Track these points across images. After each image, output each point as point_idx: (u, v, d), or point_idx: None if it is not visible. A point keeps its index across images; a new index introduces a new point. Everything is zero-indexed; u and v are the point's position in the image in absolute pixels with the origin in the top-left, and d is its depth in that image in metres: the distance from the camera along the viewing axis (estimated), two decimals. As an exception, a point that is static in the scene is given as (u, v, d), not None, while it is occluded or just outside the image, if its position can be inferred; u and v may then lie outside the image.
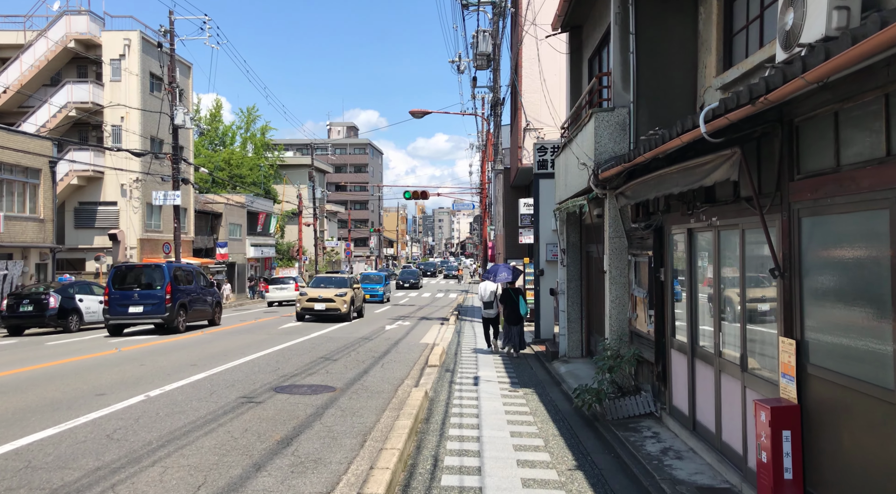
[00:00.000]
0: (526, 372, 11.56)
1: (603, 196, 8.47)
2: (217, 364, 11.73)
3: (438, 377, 10.66)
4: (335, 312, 20.97)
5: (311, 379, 10.33)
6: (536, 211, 16.30)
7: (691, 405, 6.29)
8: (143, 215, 31.96)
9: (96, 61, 31.59)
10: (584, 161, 8.45)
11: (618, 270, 8.41)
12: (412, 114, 22.18)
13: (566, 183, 11.14)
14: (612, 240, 8.43)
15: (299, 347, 14.46)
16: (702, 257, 6.15)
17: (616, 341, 8.04)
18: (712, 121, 4.28)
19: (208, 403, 8.34)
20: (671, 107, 8.19)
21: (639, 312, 7.85)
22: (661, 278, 7.06)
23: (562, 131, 12.27)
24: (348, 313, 21.30)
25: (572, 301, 12.25)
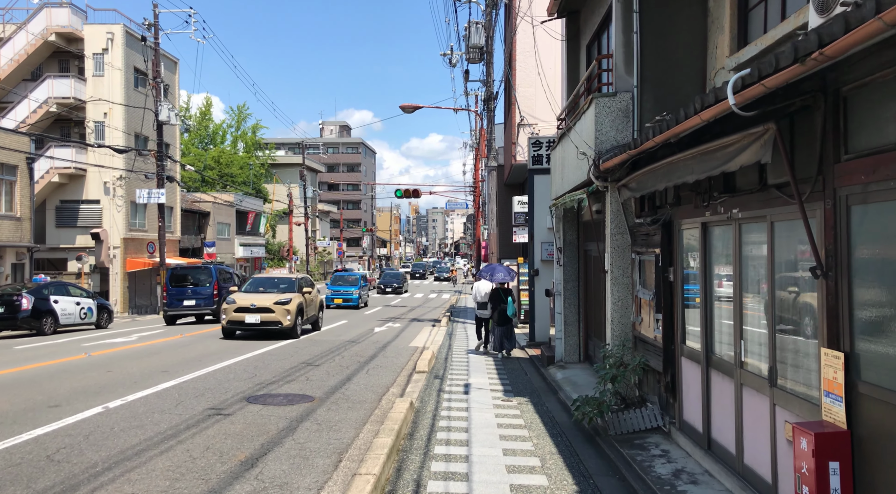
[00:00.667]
0: (520, 379, 10.86)
1: (604, 189, 7.78)
2: (190, 370, 10.97)
3: (426, 384, 9.94)
4: (274, 326, 15.61)
5: (288, 387, 9.60)
6: (531, 208, 15.62)
7: (705, 421, 5.60)
8: (126, 214, 31.10)
9: (78, 55, 30.71)
10: (584, 150, 7.76)
11: (620, 270, 7.72)
12: (402, 109, 21.46)
13: (563, 177, 10.44)
14: (613, 237, 7.74)
15: (280, 352, 13.71)
16: (718, 254, 5.46)
17: (619, 347, 7.35)
18: (742, 91, 3.58)
19: (171, 415, 7.59)
20: (678, 92, 7.51)
21: (644, 316, 7.16)
22: (669, 278, 6.37)
23: (558, 123, 11.58)
24: (293, 327, 15.74)
25: (569, 302, 11.56)
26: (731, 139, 4.16)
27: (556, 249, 12.03)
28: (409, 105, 21.42)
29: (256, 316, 15.56)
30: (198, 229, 40.51)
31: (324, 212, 74.27)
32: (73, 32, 30.08)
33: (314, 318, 18.07)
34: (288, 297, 16.07)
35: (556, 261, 11.91)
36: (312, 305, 17.73)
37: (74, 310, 19.27)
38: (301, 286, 17.16)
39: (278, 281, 17.63)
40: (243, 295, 16.36)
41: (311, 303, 17.52)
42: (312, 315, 17.74)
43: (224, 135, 58.05)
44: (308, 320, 17.36)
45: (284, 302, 15.82)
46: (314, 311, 17.98)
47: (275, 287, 17.14)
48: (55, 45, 30.18)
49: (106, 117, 30.53)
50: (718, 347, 5.44)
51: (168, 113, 29.87)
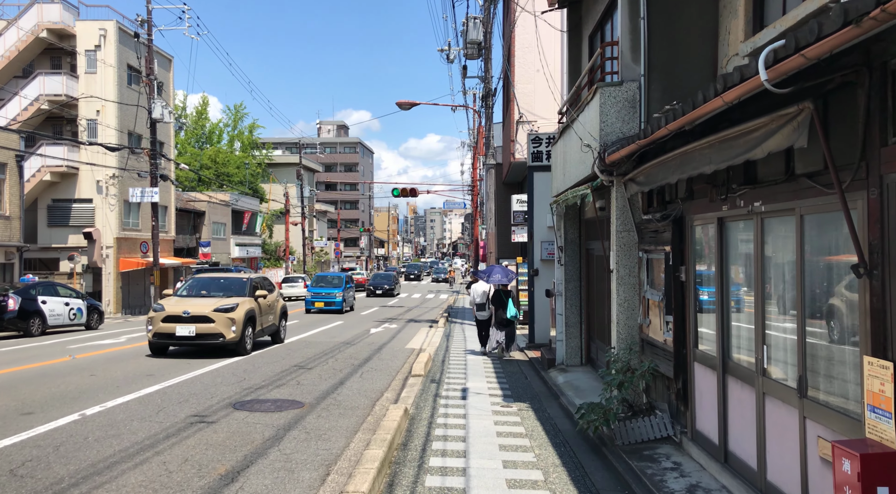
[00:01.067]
0: (520, 383, 10.44)
1: (609, 183, 7.36)
2: (177, 374, 10.54)
3: (422, 389, 9.52)
4: (213, 340, 12.34)
5: (277, 392, 9.16)
6: (530, 206, 15.20)
7: (722, 431, 5.18)
8: (119, 213, 30.64)
9: (70, 52, 30.25)
10: (589, 142, 7.34)
11: (626, 269, 7.30)
12: (399, 106, 21.04)
13: (564, 172, 10.03)
14: (619, 235, 7.32)
15: (273, 354, 13.28)
16: (736, 252, 5.05)
17: (625, 351, 6.93)
18: (776, 65, 3.16)
19: (152, 423, 7.16)
20: (688, 82, 7.11)
21: (652, 318, 6.74)
22: (681, 278, 5.96)
23: (559, 117, 11.17)
24: (239, 340, 12.48)
25: (570, 303, 11.14)
26: (758, 123, 3.74)
27: (556, 248, 11.61)
28: (405, 101, 20.99)
29: (190, 326, 12.26)
30: (193, 229, 40.06)
31: (321, 212, 73.79)
32: (65, 29, 29.62)
33: (273, 328, 14.75)
34: (233, 303, 12.81)
35: (557, 261, 11.49)
36: (270, 312, 14.48)
37: (63, 311, 18.81)
38: (255, 288, 13.99)
39: (225, 283, 14.30)
40: (176, 301, 13.24)
41: (267, 310, 14.27)
42: (270, 324, 14.48)
43: (221, 134, 57.57)
44: (265, 331, 14.19)
45: (228, 309, 12.52)
46: (273, 320, 14.68)
47: (221, 289, 13.90)
48: (47, 42, 29.71)
49: (99, 115, 30.06)
50: (736, 353, 5.02)
51: (162, 110, 29.40)
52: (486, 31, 20.34)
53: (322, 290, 26.08)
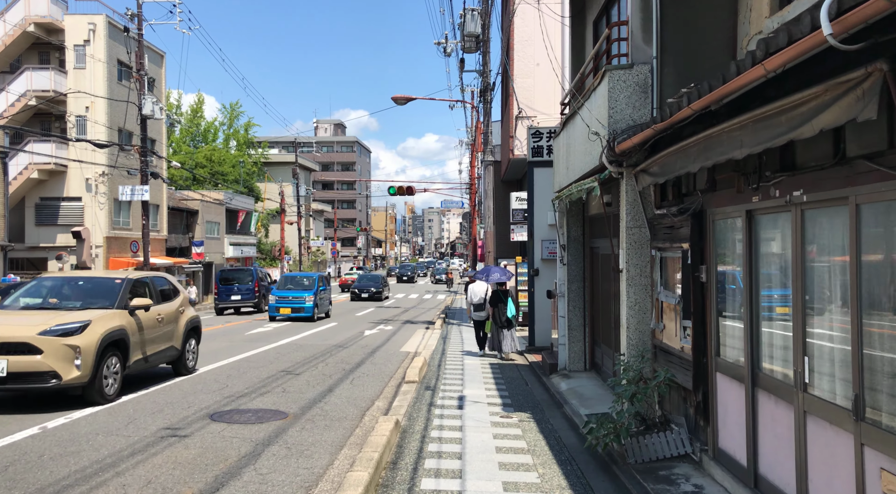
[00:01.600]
0: (520, 389, 9.83)
1: (618, 176, 6.76)
2: (154, 381, 9.91)
3: (416, 397, 8.91)
4: (38, 381, 7.65)
5: (261, 400, 8.54)
6: (531, 204, 14.61)
7: (751, 452, 4.58)
8: (109, 211, 30.00)
9: (59, 47, 29.57)
10: (597, 130, 6.73)
11: (637, 269, 6.70)
12: (395, 101, 20.42)
13: (568, 166, 9.43)
14: (629, 231, 6.72)
15: (260, 358, 12.66)
16: (769, 248, 4.45)
17: (636, 358, 6.33)
18: (841, 17, 2.56)
19: (117, 438, 6.54)
20: (703, 65, 6.52)
21: (667, 322, 6.13)
22: (701, 278, 5.35)
23: (561, 108, 10.57)
24: (90, 381, 7.90)
25: (574, 305, 10.54)
26: (808, 94, 3.14)
27: (559, 247, 11.01)
28: (401, 96, 20.38)
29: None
30: (185, 228, 39.38)
31: (318, 212, 73.16)
32: (53, 23, 28.96)
33: (171, 354, 10.03)
34: (82, 320, 8.08)
35: (560, 260, 10.89)
36: (164, 330, 9.77)
37: (46, 312, 18.10)
38: (135, 293, 9.32)
39: (85, 287, 9.47)
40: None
41: (157, 328, 9.56)
42: (164, 349, 9.79)
43: (216, 133, 56.91)
44: (153, 359, 9.52)
45: (69, 332, 7.83)
46: (171, 341, 9.98)
47: (78, 296, 9.16)
48: (34, 36, 29.05)
49: (88, 111, 29.41)
50: (768, 363, 4.42)
51: (152, 106, 28.73)
52: (484, 24, 19.74)
53: (289, 293, 21.80)
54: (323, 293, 23.15)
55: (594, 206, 9.87)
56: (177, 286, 10.93)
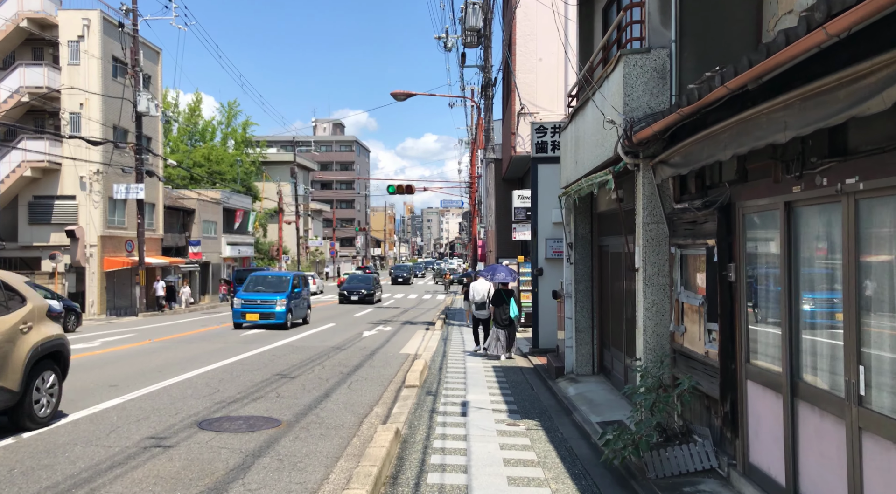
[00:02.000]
0: (526, 394, 9.38)
1: (634, 168, 6.31)
2: (143, 384, 9.47)
3: (417, 402, 8.46)
4: None
5: (253, 406, 8.09)
6: (534, 201, 14.18)
7: (790, 470, 4.13)
8: (104, 210, 29.50)
9: (53, 43, 29.10)
10: (612, 117, 6.29)
11: (655, 267, 6.25)
12: (394, 96, 19.95)
13: (576, 160, 8.98)
14: (646, 228, 6.27)
15: (255, 360, 12.20)
16: (813, 243, 4.01)
17: (655, 364, 5.88)
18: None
19: (97, 449, 6.09)
20: (727, 49, 6.08)
21: (688, 325, 5.69)
22: (729, 277, 4.91)
23: (568, 100, 10.14)
24: None
25: (581, 306, 10.10)
26: (881, 61, 2.69)
27: (565, 245, 10.57)
28: (400, 92, 19.92)
29: None
30: (182, 227, 38.91)
31: (316, 211, 72.73)
32: (47, 18, 28.48)
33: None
34: None
35: (567, 259, 10.45)
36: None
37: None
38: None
39: None
40: None
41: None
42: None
43: (214, 132, 56.44)
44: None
45: None
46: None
47: None
48: (28, 32, 28.58)
49: (82, 108, 28.92)
50: (811, 373, 3.98)
51: (148, 103, 28.36)
52: (485, 18, 19.31)
53: (257, 296, 18.52)
54: (298, 296, 19.79)
55: (604, 202, 9.43)
56: (18, 289, 7.08)
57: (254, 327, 18.31)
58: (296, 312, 19.28)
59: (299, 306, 19.74)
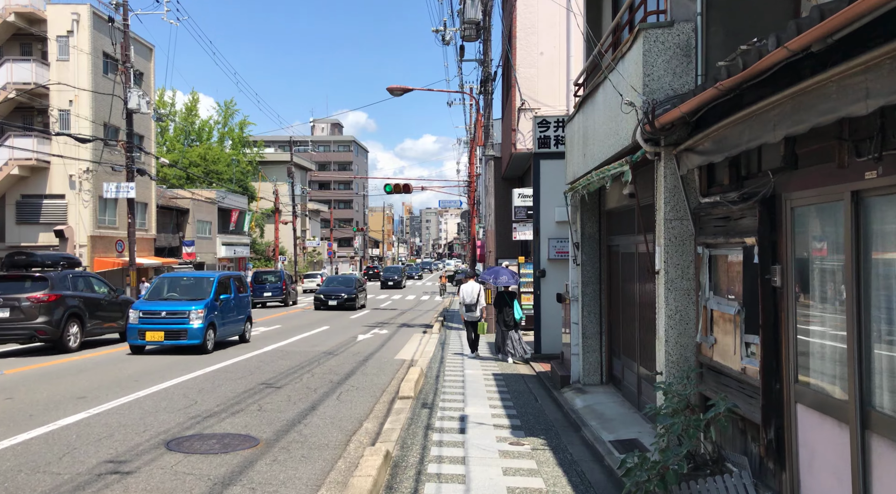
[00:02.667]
0: (529, 406, 8.66)
1: (654, 157, 5.59)
2: (114, 395, 8.74)
3: (411, 416, 7.73)
4: None
5: (231, 422, 7.36)
6: (537, 199, 13.46)
7: (856, 515, 3.40)
8: (94, 209, 28.78)
9: (41, 38, 28.36)
10: (632, 99, 5.56)
11: (678, 270, 5.53)
12: (390, 91, 19.24)
13: (584, 152, 8.26)
14: (668, 225, 5.55)
15: (240, 367, 11.47)
16: (883, 239, 3.28)
17: (679, 380, 5.15)
18: None
19: (45, 476, 5.35)
20: (758, 23, 5.39)
21: (720, 336, 4.97)
22: (773, 282, 4.19)
23: (575, 89, 9.42)
24: None
25: (589, 310, 9.37)
26: None
27: (571, 245, 9.84)
28: (397, 86, 19.20)
29: None
30: (176, 227, 38.19)
31: (314, 212, 72.01)
32: (35, 13, 27.75)
33: None
34: None
35: (573, 260, 9.72)
36: None
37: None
38: None
39: None
40: None
41: None
42: None
43: (210, 131, 55.77)
44: None
45: None
46: None
47: None
48: (15, 27, 27.85)
49: (71, 105, 28.21)
50: (887, 398, 3.25)
51: (139, 100, 27.50)
52: (485, 10, 18.59)
53: (162, 307, 13.40)
54: (228, 306, 14.32)
55: (613, 199, 8.71)
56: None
57: (161, 351, 13.30)
58: (223, 328, 14.03)
59: (230, 319, 14.47)
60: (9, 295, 12.83)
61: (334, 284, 28.85)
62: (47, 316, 12.91)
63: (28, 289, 13.06)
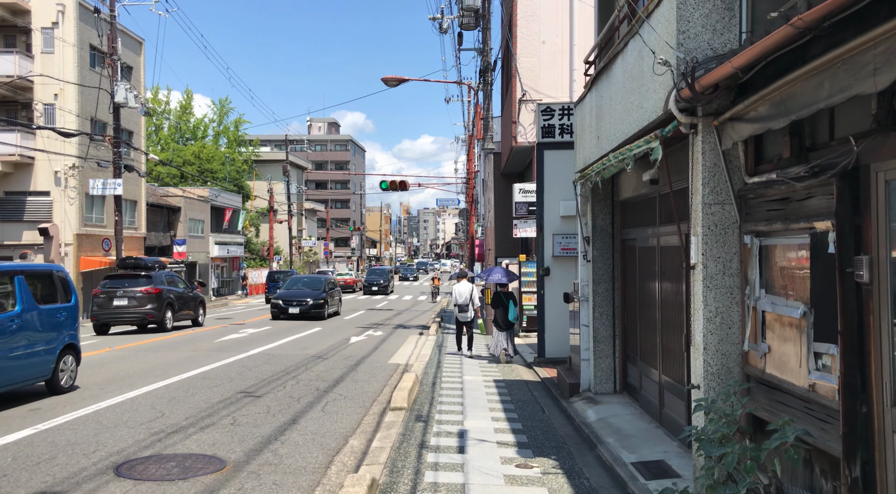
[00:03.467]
0: (536, 418, 7.76)
1: (690, 130, 4.70)
2: (73, 406, 7.84)
3: (404, 431, 6.84)
4: None
5: (198, 438, 6.46)
6: (540, 193, 12.58)
7: None
8: (80, 207, 27.83)
9: (25, 29, 27.42)
10: (666, 57, 4.66)
11: (719, 264, 4.64)
12: (385, 82, 18.33)
13: (598, 134, 7.37)
14: (708, 210, 4.66)
15: (220, 373, 10.56)
16: None
17: (724, 396, 4.25)
18: None
19: (-41, 512, 4.45)
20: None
21: (775, 344, 4.08)
22: (859, 276, 3.30)
23: (586, 67, 8.53)
24: None
25: (601, 311, 8.48)
26: None
27: (581, 240, 8.95)
28: (392, 77, 18.31)
29: None
30: (167, 225, 37.23)
31: (310, 211, 71.07)
32: (19, 3, 26.78)
33: None
34: None
35: (583, 256, 8.83)
36: None
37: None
38: None
39: None
40: None
41: None
42: None
43: (206, 129, 54.89)
44: None
45: None
46: None
47: None
48: (-2, 17, 26.89)
49: (57, 99, 27.26)
50: None
51: (126, 94, 26.58)
52: (484, -4, 17.72)
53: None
54: (51, 327, 8.84)
55: (629, 187, 7.83)
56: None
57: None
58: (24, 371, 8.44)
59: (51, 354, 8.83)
60: (127, 289, 17.34)
61: (298, 286, 23.03)
62: (154, 304, 17.35)
63: (139, 284, 17.50)
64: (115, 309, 17.22)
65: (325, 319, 21.59)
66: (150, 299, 17.32)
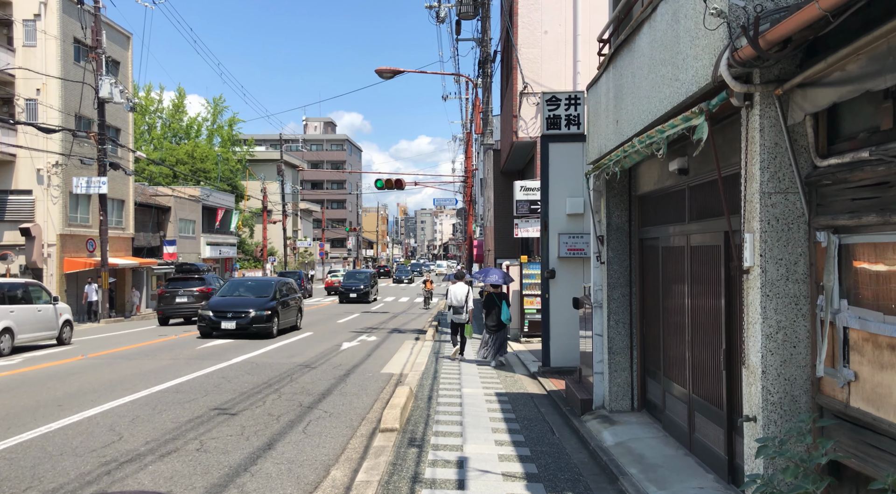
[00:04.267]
0: (545, 441, 6.85)
1: (744, 102, 3.80)
2: (23, 426, 6.92)
3: (394, 459, 5.92)
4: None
5: (154, 469, 5.53)
6: (545, 189, 11.68)
7: None
8: (64, 206, 26.86)
9: (6, 22, 26.44)
10: (720, 6, 3.77)
11: (781, 267, 3.74)
12: (379, 74, 17.43)
13: (617, 118, 6.48)
14: (767, 200, 3.76)
15: (196, 386, 9.63)
16: None
17: (796, 435, 3.35)
18: None
19: None
20: None
21: (863, 370, 3.18)
22: None
23: (600, 46, 7.63)
24: None
25: (616, 319, 7.58)
26: None
27: (594, 239, 8.05)
28: (386, 68, 17.42)
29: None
30: (156, 226, 36.26)
31: (306, 212, 70.14)
32: (0, -6, 25.82)
33: None
34: None
35: (596, 257, 7.93)
36: None
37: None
38: None
39: None
40: None
41: None
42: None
43: (199, 129, 53.96)
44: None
45: None
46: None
47: None
48: (-22, 9, 25.91)
49: (39, 94, 26.27)
50: None
51: (111, 89, 25.68)
52: (484, -17, 16.86)
53: None
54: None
55: (649, 179, 6.94)
56: None
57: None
58: None
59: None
60: (185, 289, 22.28)
61: (239, 292, 18.01)
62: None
63: (194, 285, 22.45)
64: (177, 305, 21.97)
65: (273, 337, 16.45)
66: (205, 297, 20.98)
